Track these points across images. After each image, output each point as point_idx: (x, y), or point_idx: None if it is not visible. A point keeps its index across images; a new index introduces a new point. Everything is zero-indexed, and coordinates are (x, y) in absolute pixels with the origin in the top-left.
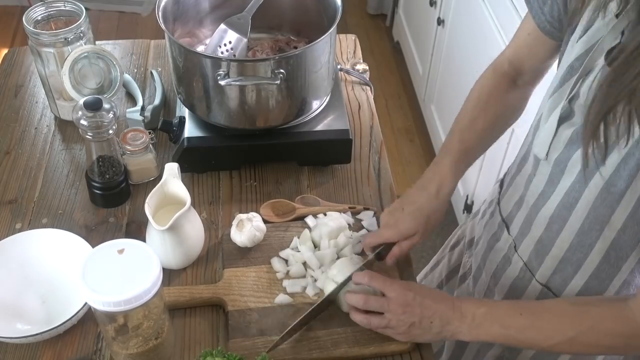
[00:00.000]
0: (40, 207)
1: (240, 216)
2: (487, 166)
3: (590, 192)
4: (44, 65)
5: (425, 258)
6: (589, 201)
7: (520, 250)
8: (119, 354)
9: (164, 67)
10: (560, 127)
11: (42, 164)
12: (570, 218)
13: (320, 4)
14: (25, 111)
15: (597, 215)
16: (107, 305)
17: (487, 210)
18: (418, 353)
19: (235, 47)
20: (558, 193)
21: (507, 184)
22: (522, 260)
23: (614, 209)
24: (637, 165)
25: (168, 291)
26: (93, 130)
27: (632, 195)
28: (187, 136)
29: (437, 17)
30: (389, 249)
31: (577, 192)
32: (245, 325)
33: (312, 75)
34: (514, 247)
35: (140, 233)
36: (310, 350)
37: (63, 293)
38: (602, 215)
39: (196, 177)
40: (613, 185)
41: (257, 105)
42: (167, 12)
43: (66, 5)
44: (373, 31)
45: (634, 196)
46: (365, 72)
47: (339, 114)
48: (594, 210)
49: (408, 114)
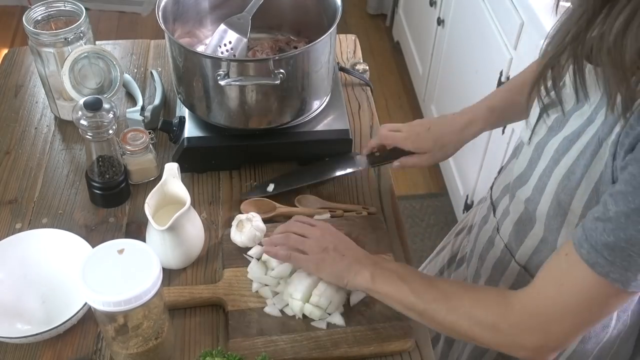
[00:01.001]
0: (40, 207)
1: (240, 216)
2: (487, 166)
3: (555, 178)
4: (44, 65)
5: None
6: (553, 188)
7: (501, 232)
8: (119, 354)
9: (164, 67)
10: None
11: (42, 164)
12: (541, 202)
13: (320, 4)
14: (25, 111)
15: (560, 202)
16: (107, 305)
17: (485, 197)
18: (418, 353)
19: (235, 47)
20: (534, 176)
21: (502, 169)
22: (503, 241)
23: (572, 197)
24: (592, 156)
25: (168, 291)
26: (93, 130)
27: (587, 185)
28: (187, 136)
29: (437, 17)
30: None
31: (546, 177)
32: (245, 325)
33: (312, 75)
34: (497, 228)
35: (140, 233)
36: (310, 350)
37: (63, 293)
38: (564, 202)
39: (196, 177)
40: (573, 173)
41: (257, 105)
42: (167, 12)
43: (66, 5)
44: (373, 31)
45: (589, 185)
46: (365, 72)
47: (339, 114)
48: (556, 196)
49: (408, 114)
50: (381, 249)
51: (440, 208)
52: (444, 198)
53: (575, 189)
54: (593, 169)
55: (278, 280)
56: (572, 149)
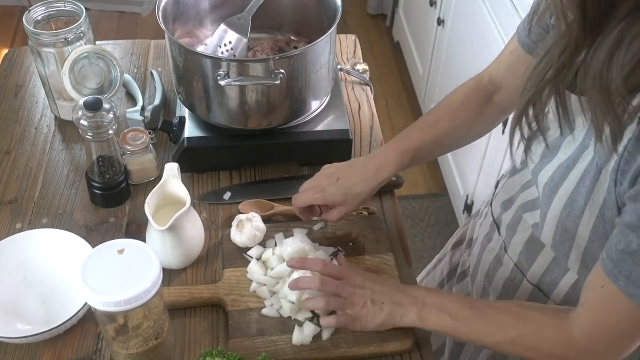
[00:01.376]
0: (40, 207)
1: (240, 216)
2: (487, 166)
3: (556, 205)
4: (44, 65)
5: (426, 258)
6: (556, 215)
7: (509, 251)
8: (119, 354)
9: (164, 67)
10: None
11: (42, 164)
12: (544, 229)
13: (320, 4)
14: (25, 111)
15: (565, 228)
16: (107, 305)
17: (483, 211)
18: (418, 353)
19: (235, 47)
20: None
21: (500, 185)
22: (512, 260)
23: (578, 223)
24: (593, 183)
25: (168, 291)
26: (93, 130)
27: (592, 212)
28: (187, 136)
29: (437, 17)
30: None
31: (545, 206)
32: (245, 325)
33: (312, 75)
34: (504, 247)
35: (140, 233)
36: (310, 350)
37: (63, 293)
38: (570, 228)
39: (196, 177)
40: (575, 200)
41: (257, 105)
42: (167, 12)
43: (66, 5)
44: (373, 31)
45: (593, 212)
46: (365, 72)
47: (339, 114)
48: (561, 223)
49: (408, 114)
50: (381, 249)
51: (440, 208)
52: (444, 198)
53: (580, 216)
54: (596, 195)
55: (277, 280)
56: (569, 176)
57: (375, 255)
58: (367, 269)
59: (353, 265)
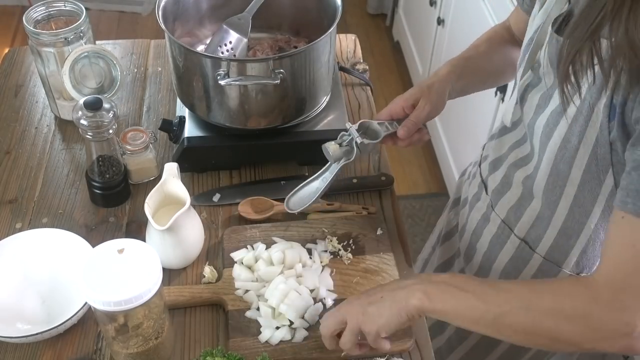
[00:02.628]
0: (40, 207)
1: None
2: None
3: (550, 150)
4: (44, 65)
5: None
6: (550, 159)
7: (497, 209)
8: (119, 354)
9: (164, 67)
10: (530, 93)
11: (42, 163)
12: (537, 177)
13: (320, 3)
14: (25, 111)
15: (559, 172)
16: (107, 304)
17: (471, 172)
18: (418, 353)
19: (235, 47)
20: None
21: (488, 146)
22: (499, 217)
23: (571, 164)
24: (586, 122)
25: (168, 291)
26: (93, 130)
27: (585, 150)
28: (187, 136)
29: (437, 17)
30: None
31: (541, 152)
32: (245, 325)
33: (312, 75)
34: (491, 206)
35: (140, 233)
36: (310, 350)
37: (63, 293)
38: (562, 172)
39: (196, 177)
40: (568, 141)
41: (257, 105)
42: (167, 12)
43: (66, 5)
44: (373, 31)
45: (586, 151)
46: (365, 71)
47: (339, 114)
48: (555, 167)
49: None
50: (381, 249)
51: (440, 208)
52: (444, 198)
53: (574, 157)
54: (588, 134)
55: (263, 284)
56: (562, 120)
57: (375, 255)
58: (367, 269)
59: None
